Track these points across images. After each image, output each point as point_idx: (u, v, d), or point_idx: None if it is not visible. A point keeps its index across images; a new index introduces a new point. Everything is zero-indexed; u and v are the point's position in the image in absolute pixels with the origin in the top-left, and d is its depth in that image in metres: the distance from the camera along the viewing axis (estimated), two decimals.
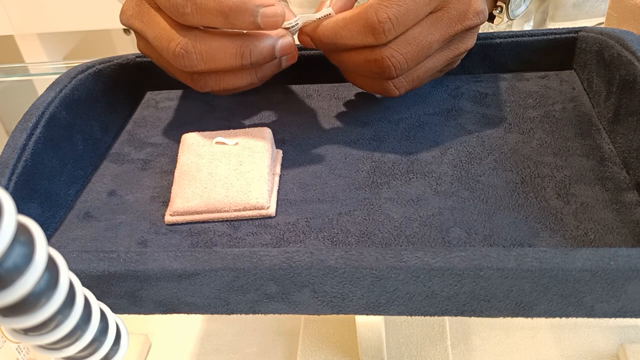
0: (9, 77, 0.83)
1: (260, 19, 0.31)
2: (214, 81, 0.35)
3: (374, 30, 0.31)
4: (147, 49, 0.38)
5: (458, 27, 0.34)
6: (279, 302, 0.26)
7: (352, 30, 0.32)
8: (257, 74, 0.36)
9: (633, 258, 0.22)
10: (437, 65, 0.35)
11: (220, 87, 0.36)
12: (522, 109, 0.37)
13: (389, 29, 0.31)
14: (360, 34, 0.32)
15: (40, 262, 0.16)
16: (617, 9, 0.43)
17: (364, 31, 0.31)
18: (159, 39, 0.34)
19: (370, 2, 0.31)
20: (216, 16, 0.31)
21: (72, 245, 0.31)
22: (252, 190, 0.31)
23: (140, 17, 0.35)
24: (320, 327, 0.40)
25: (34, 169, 0.32)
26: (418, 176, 0.33)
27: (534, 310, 0.25)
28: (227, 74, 0.35)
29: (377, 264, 0.24)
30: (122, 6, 0.38)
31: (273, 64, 0.36)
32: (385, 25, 0.31)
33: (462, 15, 0.34)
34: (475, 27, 0.35)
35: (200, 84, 0.35)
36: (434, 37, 0.33)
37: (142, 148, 0.39)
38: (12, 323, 0.18)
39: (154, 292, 0.26)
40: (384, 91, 0.35)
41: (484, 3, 0.35)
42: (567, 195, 0.30)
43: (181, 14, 0.32)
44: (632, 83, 0.32)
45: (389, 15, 0.31)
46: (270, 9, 0.31)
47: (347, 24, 0.32)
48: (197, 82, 0.35)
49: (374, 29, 0.31)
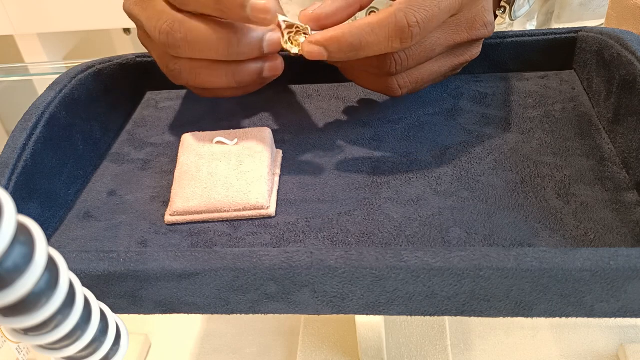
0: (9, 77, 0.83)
1: (249, 11, 0.30)
2: (189, 72, 0.34)
3: (403, 34, 0.30)
4: (142, 36, 0.37)
5: (465, 36, 0.34)
6: (279, 302, 0.26)
7: (380, 36, 0.30)
8: (235, 75, 0.34)
9: (633, 258, 0.22)
10: (441, 70, 0.36)
11: (195, 82, 0.34)
12: (522, 109, 0.37)
13: (417, 33, 0.30)
14: (387, 39, 0.30)
15: (40, 262, 0.16)
16: (617, 9, 0.43)
17: (393, 36, 0.30)
18: (150, 19, 0.33)
19: (396, 7, 0.30)
20: (209, 2, 0.31)
21: (72, 245, 0.31)
22: (252, 190, 0.31)
23: (141, 3, 0.35)
24: (320, 327, 0.40)
25: (34, 169, 0.32)
26: (418, 176, 0.33)
27: (534, 310, 0.25)
28: (204, 67, 0.34)
29: (377, 264, 0.24)
30: None
31: (253, 69, 0.34)
32: (414, 30, 0.30)
33: (470, 24, 0.34)
34: (481, 38, 0.35)
35: (175, 73, 0.35)
36: (439, 40, 0.33)
37: (142, 148, 0.39)
38: (12, 323, 0.18)
39: (154, 292, 0.26)
40: (387, 90, 0.35)
41: (492, 15, 0.35)
42: (567, 195, 0.30)
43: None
44: (632, 83, 0.32)
45: (417, 20, 0.30)
46: (260, 4, 0.30)
47: (374, 29, 0.30)
48: (171, 70, 0.35)
49: (403, 32, 0.30)
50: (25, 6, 1.14)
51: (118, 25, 1.15)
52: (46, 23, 1.16)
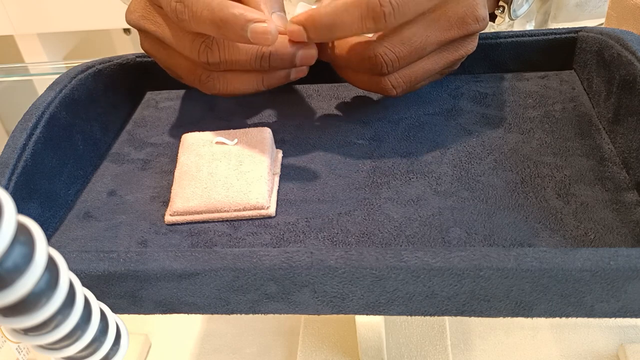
0: (9, 77, 0.83)
1: (249, 34, 0.31)
2: (222, 83, 0.35)
3: (375, 14, 0.31)
4: (154, 49, 0.38)
5: (455, 32, 0.34)
6: (279, 302, 0.26)
7: (353, 15, 0.31)
8: (264, 81, 0.36)
9: (633, 258, 0.22)
10: (435, 67, 0.35)
11: (227, 90, 0.36)
12: (522, 109, 0.37)
13: (389, 13, 0.31)
14: (360, 19, 0.31)
15: (40, 262, 0.16)
16: (617, 9, 0.43)
17: (365, 15, 0.31)
18: (177, 37, 0.34)
19: None
20: (209, 25, 0.31)
21: (72, 245, 0.31)
22: (252, 190, 0.31)
23: (152, 18, 0.36)
24: (320, 327, 0.40)
25: (34, 169, 0.32)
26: (418, 176, 0.33)
27: (534, 310, 0.25)
28: (237, 76, 0.35)
29: (377, 264, 0.24)
30: (129, 6, 0.38)
31: (282, 75, 0.36)
32: (386, 9, 0.30)
33: (461, 20, 0.34)
34: (475, 33, 0.35)
35: (209, 85, 0.36)
36: (430, 39, 0.33)
37: (142, 148, 0.39)
38: (12, 323, 0.18)
39: (154, 292, 0.26)
40: (381, 89, 0.35)
41: (485, 9, 0.35)
42: (567, 195, 0.30)
43: (180, 20, 0.32)
44: (632, 83, 0.32)
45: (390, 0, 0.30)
46: (261, 27, 0.31)
47: (347, 8, 0.31)
48: (205, 83, 0.36)
49: (375, 12, 0.31)
50: (25, 6, 1.14)
51: (118, 25, 1.15)
52: (46, 23, 1.16)
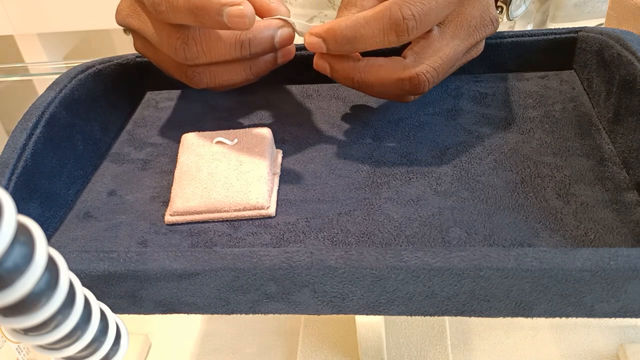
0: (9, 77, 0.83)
1: (226, 18, 0.30)
2: (208, 76, 0.35)
3: (398, 27, 0.30)
4: (144, 47, 0.38)
5: (478, 36, 0.34)
6: (279, 302, 0.26)
7: (375, 28, 0.31)
8: (252, 69, 0.35)
9: (633, 258, 0.22)
10: (452, 71, 0.36)
11: (215, 83, 0.35)
12: (522, 109, 0.37)
13: (413, 27, 0.30)
14: (382, 32, 0.31)
15: (40, 262, 0.16)
16: (617, 9, 0.43)
17: (387, 29, 0.31)
18: (158, 34, 0.34)
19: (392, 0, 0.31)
20: (186, 14, 0.31)
21: (72, 245, 0.31)
22: (252, 190, 0.31)
23: (137, 16, 0.36)
24: (320, 327, 0.40)
25: (34, 169, 0.32)
26: (418, 176, 0.33)
27: (534, 310, 0.25)
28: (222, 68, 0.35)
29: (377, 264, 0.24)
30: (118, 6, 0.38)
31: (268, 60, 0.36)
32: (409, 23, 0.30)
33: (480, 22, 0.34)
34: (489, 35, 0.36)
35: (195, 80, 0.35)
36: (460, 47, 0.34)
37: (142, 148, 0.39)
38: (12, 323, 0.18)
39: (154, 292, 0.26)
40: (402, 100, 0.36)
41: (495, 10, 0.35)
42: (567, 195, 0.30)
43: (158, 12, 0.32)
44: (632, 83, 0.32)
45: (412, 13, 0.30)
46: (236, 9, 0.30)
47: (368, 22, 0.31)
48: (191, 78, 0.35)
49: (398, 25, 0.30)
50: (25, 6, 1.14)
51: (118, 25, 1.15)
52: (46, 23, 1.16)
